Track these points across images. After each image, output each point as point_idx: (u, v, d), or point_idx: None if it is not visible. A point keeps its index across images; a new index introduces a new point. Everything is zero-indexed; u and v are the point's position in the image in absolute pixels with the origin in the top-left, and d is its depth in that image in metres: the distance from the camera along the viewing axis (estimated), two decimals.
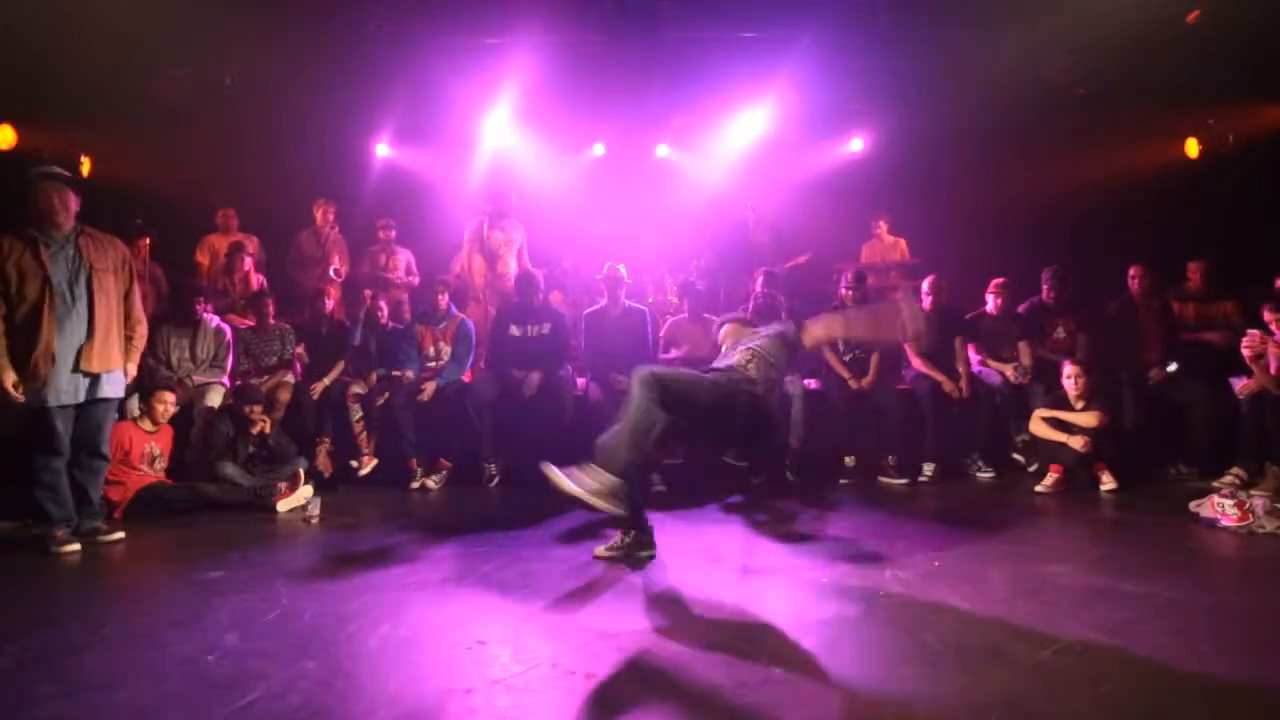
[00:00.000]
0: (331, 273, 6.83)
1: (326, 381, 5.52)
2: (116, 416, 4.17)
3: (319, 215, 7.03)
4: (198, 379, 5.25)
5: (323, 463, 5.34)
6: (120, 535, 3.95)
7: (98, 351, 3.84)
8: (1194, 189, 7.27)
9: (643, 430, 3.05)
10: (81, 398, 3.82)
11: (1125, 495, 4.66)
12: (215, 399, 5.15)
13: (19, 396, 3.66)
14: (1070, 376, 4.92)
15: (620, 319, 5.67)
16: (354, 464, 5.43)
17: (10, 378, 3.65)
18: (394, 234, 7.17)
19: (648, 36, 7.07)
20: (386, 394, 5.46)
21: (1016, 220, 7.44)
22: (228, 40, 6.57)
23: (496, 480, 5.35)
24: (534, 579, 3.19)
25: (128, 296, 4.03)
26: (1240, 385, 4.82)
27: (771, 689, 2.11)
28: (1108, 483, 4.77)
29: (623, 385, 5.39)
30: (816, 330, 3.70)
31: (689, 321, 5.88)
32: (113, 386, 3.94)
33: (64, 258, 3.81)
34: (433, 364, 5.58)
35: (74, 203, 3.87)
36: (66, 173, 3.90)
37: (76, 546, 3.74)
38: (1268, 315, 4.87)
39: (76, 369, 3.79)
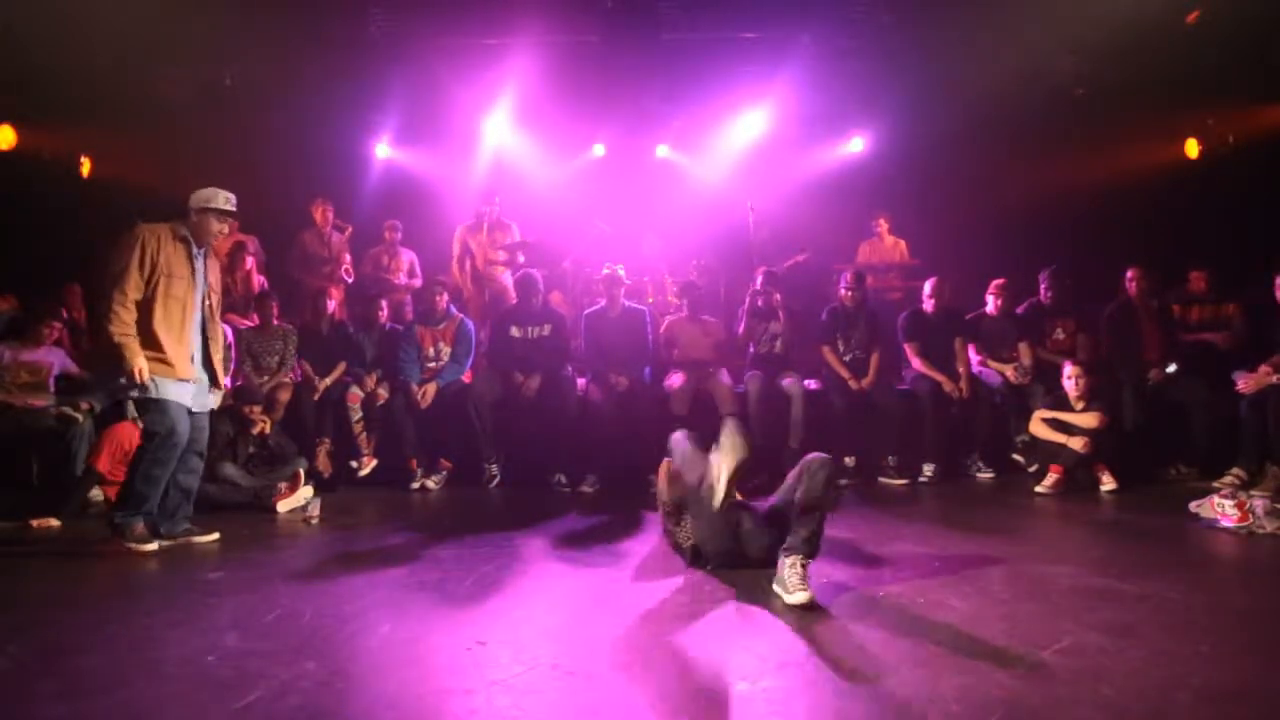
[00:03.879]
0: (342, 273, 6.85)
1: (328, 381, 5.52)
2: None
3: (318, 215, 7.03)
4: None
5: (323, 463, 5.34)
6: (215, 536, 3.93)
7: (220, 366, 4.01)
8: (1194, 189, 7.26)
9: None
10: (204, 405, 3.94)
11: (1125, 496, 4.66)
12: (215, 400, 5.14)
13: (146, 380, 3.63)
14: (1070, 377, 4.92)
15: (619, 319, 5.67)
16: (354, 464, 5.43)
17: (141, 361, 3.62)
18: (399, 235, 7.18)
19: (648, 37, 7.06)
20: (386, 395, 5.47)
21: (1016, 221, 7.44)
22: (228, 40, 6.57)
23: (496, 480, 5.35)
24: (534, 579, 3.19)
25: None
26: (1243, 382, 4.82)
27: (771, 689, 2.11)
28: (1108, 483, 4.77)
29: (622, 386, 5.41)
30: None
31: (688, 321, 5.87)
32: (217, 398, 4.07)
33: (199, 268, 3.91)
34: (433, 364, 5.58)
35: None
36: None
37: (154, 546, 3.71)
38: None
39: (208, 380, 3.93)
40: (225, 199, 3.89)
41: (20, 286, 5.82)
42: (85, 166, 7.37)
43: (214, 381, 3.99)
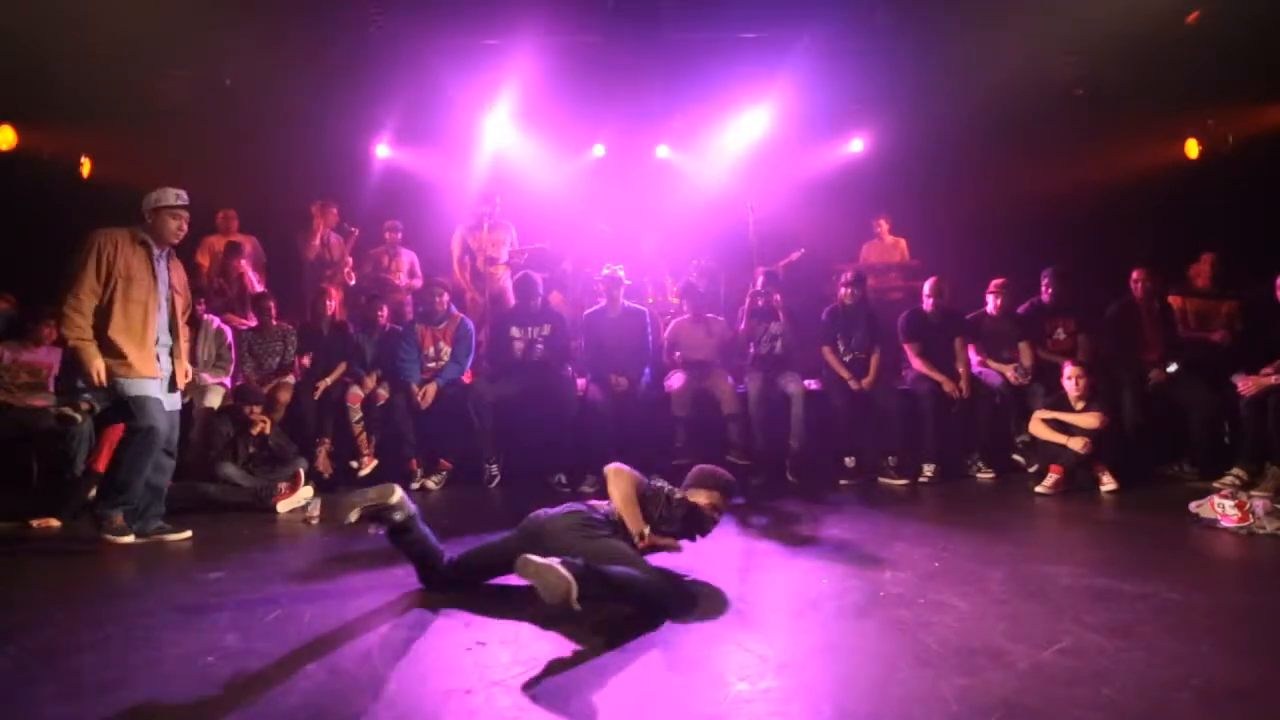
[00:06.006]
0: (344, 275, 6.86)
1: (328, 382, 5.53)
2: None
3: (320, 217, 7.03)
4: (206, 378, 5.25)
5: (323, 463, 5.34)
6: (187, 534, 3.97)
7: (181, 368, 4.04)
8: (1194, 189, 7.27)
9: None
10: (174, 405, 4.00)
11: (1125, 496, 4.66)
12: (215, 400, 5.16)
13: (103, 381, 3.68)
14: (1070, 377, 4.92)
15: (619, 320, 5.67)
16: (354, 465, 5.43)
17: (99, 364, 3.67)
18: (399, 236, 7.18)
19: (648, 37, 7.07)
20: (386, 395, 5.47)
21: (1016, 220, 7.44)
22: (228, 40, 6.56)
23: (496, 480, 5.35)
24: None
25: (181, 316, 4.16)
26: (1243, 384, 4.81)
27: (772, 689, 2.11)
28: (1108, 483, 4.77)
29: (622, 386, 5.41)
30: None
31: (691, 323, 5.87)
32: (179, 401, 4.10)
33: (160, 268, 3.94)
34: (433, 364, 5.58)
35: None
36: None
37: (131, 539, 3.78)
38: None
39: (169, 382, 3.96)
40: (175, 195, 3.90)
41: (20, 287, 5.82)
42: (85, 166, 7.37)
43: (172, 384, 4.00)
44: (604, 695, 2.12)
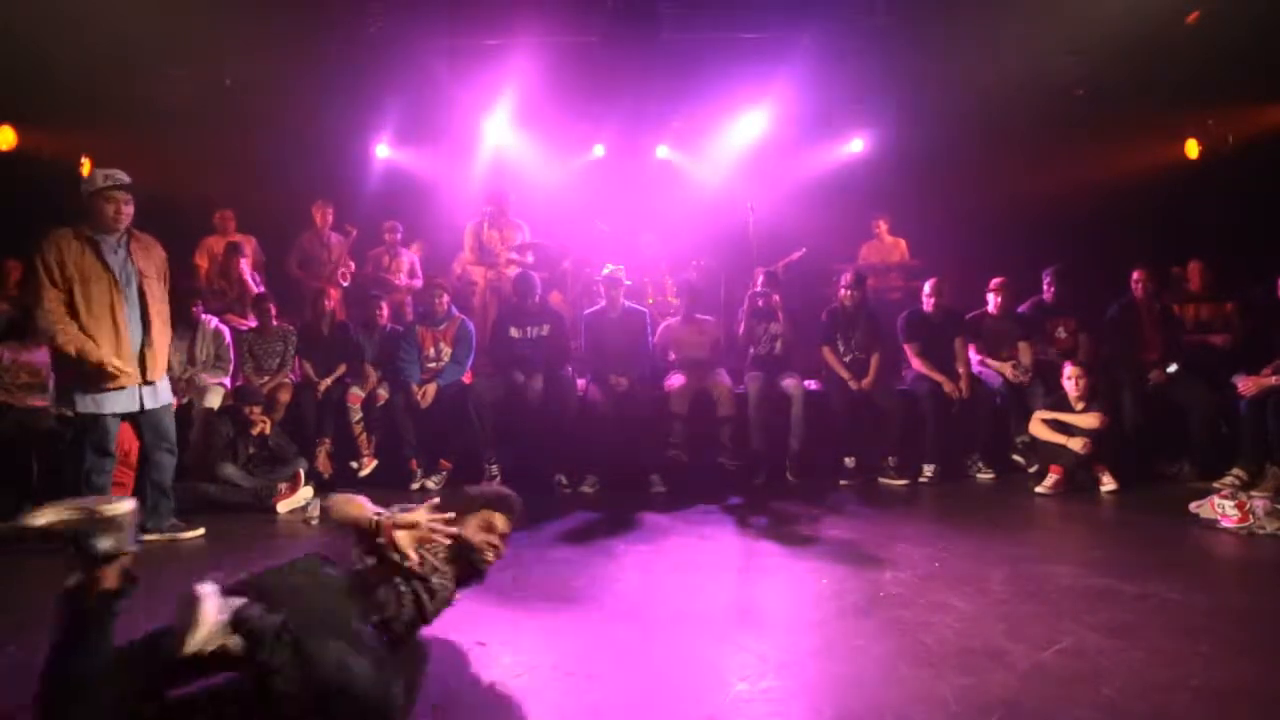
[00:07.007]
0: (339, 276, 6.86)
1: (328, 381, 5.53)
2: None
3: (319, 216, 7.04)
4: (206, 378, 5.25)
5: (323, 464, 5.34)
6: (200, 531, 3.98)
7: (157, 359, 3.87)
8: (1194, 189, 7.27)
9: None
10: (136, 405, 3.83)
11: (1125, 496, 4.66)
12: (215, 400, 5.15)
13: (115, 369, 3.59)
14: (1071, 377, 4.92)
15: (619, 320, 5.66)
16: (354, 465, 5.43)
17: (104, 354, 3.58)
18: (399, 236, 7.18)
19: (648, 37, 7.06)
20: (386, 395, 5.47)
21: (1016, 220, 7.45)
22: (228, 41, 6.57)
23: (497, 480, 5.35)
24: (533, 579, 3.19)
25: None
26: (1243, 384, 4.81)
27: (771, 689, 2.11)
28: (1108, 484, 4.77)
29: (622, 386, 5.41)
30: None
31: (681, 324, 5.84)
32: (167, 393, 3.99)
33: (118, 260, 3.78)
34: (433, 365, 5.58)
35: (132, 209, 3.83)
36: (129, 180, 3.79)
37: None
38: None
39: (142, 378, 3.81)
40: (104, 177, 3.71)
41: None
42: (85, 167, 7.36)
43: (145, 374, 3.79)
44: (604, 695, 2.13)
